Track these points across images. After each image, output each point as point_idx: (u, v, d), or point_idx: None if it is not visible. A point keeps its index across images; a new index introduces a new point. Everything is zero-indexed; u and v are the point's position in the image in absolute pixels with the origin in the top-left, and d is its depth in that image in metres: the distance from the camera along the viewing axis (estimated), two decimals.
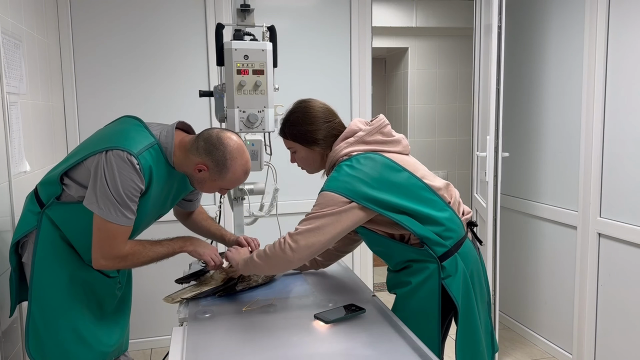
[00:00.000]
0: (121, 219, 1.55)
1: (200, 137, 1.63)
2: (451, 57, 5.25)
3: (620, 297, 2.69)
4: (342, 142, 1.68)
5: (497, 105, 2.89)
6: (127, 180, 1.53)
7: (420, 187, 1.63)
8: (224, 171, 1.61)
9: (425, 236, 1.58)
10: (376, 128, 1.68)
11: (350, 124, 1.72)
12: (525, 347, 3.32)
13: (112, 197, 1.52)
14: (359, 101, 3.40)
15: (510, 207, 3.52)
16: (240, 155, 1.62)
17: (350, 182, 1.56)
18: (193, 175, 1.66)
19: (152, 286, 2.62)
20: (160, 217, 1.84)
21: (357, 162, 1.60)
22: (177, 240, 1.74)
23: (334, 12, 3.34)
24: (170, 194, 1.76)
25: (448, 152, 5.37)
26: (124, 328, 1.93)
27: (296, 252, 1.54)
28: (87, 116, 3.08)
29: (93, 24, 3.04)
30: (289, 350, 1.38)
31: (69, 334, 1.69)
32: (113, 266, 1.63)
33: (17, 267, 1.74)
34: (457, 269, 1.60)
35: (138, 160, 1.54)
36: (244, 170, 1.65)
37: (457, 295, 1.59)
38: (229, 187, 1.69)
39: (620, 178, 2.65)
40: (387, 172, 1.60)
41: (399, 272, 1.70)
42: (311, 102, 1.76)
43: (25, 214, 1.72)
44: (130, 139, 1.59)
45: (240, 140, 1.65)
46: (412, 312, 1.63)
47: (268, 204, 2.33)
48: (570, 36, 2.94)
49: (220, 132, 1.63)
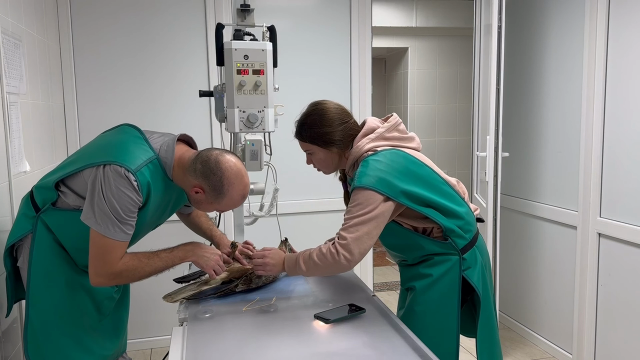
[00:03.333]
0: (119, 235, 1.53)
1: (198, 159, 1.58)
2: (451, 57, 5.25)
3: (620, 297, 2.69)
4: (363, 138, 1.72)
5: (497, 105, 2.89)
6: (124, 196, 1.51)
7: (441, 181, 1.70)
8: (220, 196, 1.58)
9: (451, 228, 1.65)
10: (393, 125, 1.74)
11: (368, 122, 1.77)
12: (525, 347, 3.32)
13: (110, 213, 1.50)
14: (359, 101, 3.40)
15: (510, 207, 3.52)
16: (239, 180, 1.58)
17: (383, 177, 1.59)
18: (190, 194, 1.63)
19: (151, 286, 2.60)
20: (158, 225, 1.83)
21: (384, 157, 1.65)
22: (177, 250, 1.69)
23: (334, 12, 3.34)
24: (168, 206, 1.75)
25: (448, 152, 5.37)
26: (122, 330, 1.93)
27: (352, 261, 1.60)
28: (87, 116, 3.08)
29: (93, 24, 3.04)
30: (289, 350, 1.38)
31: (67, 338, 1.69)
32: (108, 283, 1.59)
33: (12, 270, 1.74)
34: (476, 260, 1.71)
35: (136, 177, 1.52)
36: (241, 195, 1.61)
37: (478, 284, 1.69)
38: (225, 210, 1.66)
39: (620, 178, 2.65)
40: (413, 166, 1.66)
41: (417, 265, 1.74)
42: (326, 103, 1.78)
43: (19, 217, 1.71)
44: (129, 153, 1.56)
45: (240, 164, 1.61)
46: (432, 304, 1.68)
47: (268, 204, 2.33)
48: (570, 36, 2.94)
49: (219, 155, 1.58)
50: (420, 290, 1.70)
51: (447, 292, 1.68)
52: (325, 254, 1.61)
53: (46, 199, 1.64)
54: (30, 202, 1.69)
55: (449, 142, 5.36)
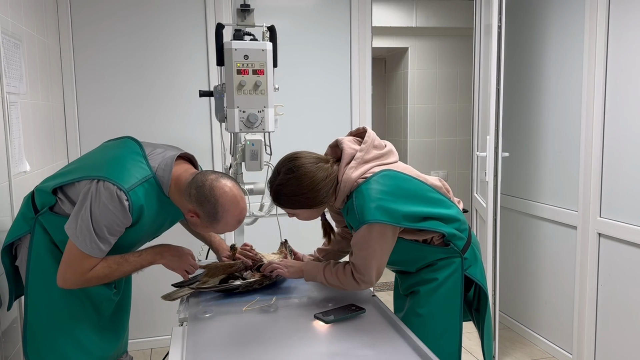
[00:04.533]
0: (94, 251, 1.54)
1: (192, 184, 1.56)
2: (451, 57, 5.25)
3: (620, 297, 2.69)
4: (344, 168, 1.64)
5: (497, 105, 2.89)
6: (111, 215, 1.52)
7: (428, 189, 1.69)
8: (215, 222, 1.57)
9: (451, 233, 1.67)
10: (369, 145, 1.67)
11: (344, 148, 1.67)
12: (525, 347, 3.32)
13: (92, 228, 1.51)
14: (359, 101, 3.40)
15: (510, 207, 3.52)
16: (234, 206, 1.56)
17: (382, 205, 1.55)
18: (186, 217, 1.63)
19: (152, 286, 2.61)
20: (158, 236, 1.83)
21: (376, 183, 1.59)
22: (146, 254, 1.67)
23: (334, 12, 3.34)
24: (166, 220, 1.75)
25: (448, 152, 5.36)
26: (122, 332, 1.93)
27: (368, 283, 1.64)
28: (87, 116, 3.08)
29: (93, 24, 3.04)
30: (289, 350, 1.38)
31: (66, 339, 1.69)
32: (74, 287, 1.60)
33: (10, 268, 1.75)
34: (476, 257, 1.75)
35: (128, 197, 1.52)
36: (237, 220, 1.60)
37: (482, 280, 1.75)
38: (221, 233, 1.67)
39: (620, 178, 2.65)
40: (404, 183, 1.64)
41: (420, 272, 1.75)
42: (301, 166, 1.60)
43: (19, 217, 1.72)
44: (125, 171, 1.56)
45: (235, 189, 1.58)
46: (437, 306, 1.70)
47: (268, 204, 2.33)
48: (570, 36, 2.94)
49: (214, 180, 1.55)
50: (425, 293, 1.71)
51: (451, 293, 1.70)
52: (347, 274, 1.65)
53: (45, 202, 1.66)
54: (30, 203, 1.71)
55: (449, 142, 5.35)
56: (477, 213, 3.39)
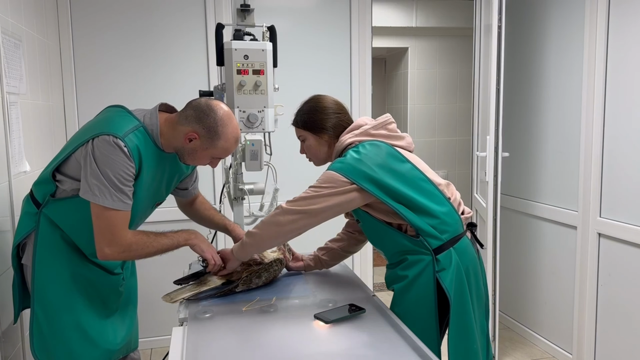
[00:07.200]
0: (118, 204, 1.53)
1: (189, 107, 1.63)
2: (451, 57, 5.25)
3: (620, 297, 2.69)
4: (348, 133, 1.75)
5: (497, 105, 2.89)
6: (117, 163, 1.52)
7: (421, 178, 1.67)
8: (215, 138, 1.61)
9: (420, 227, 1.62)
10: (381, 124, 1.75)
11: (358, 119, 1.80)
12: (525, 347, 3.32)
13: (105, 182, 1.51)
14: (359, 101, 3.40)
15: (510, 207, 3.52)
16: (230, 121, 1.63)
17: (354, 165, 1.61)
18: (184, 147, 1.64)
19: (152, 286, 2.61)
20: (157, 205, 1.83)
21: (363, 147, 1.66)
22: (181, 232, 1.72)
23: (334, 12, 3.34)
24: (163, 179, 1.75)
25: (448, 152, 5.37)
26: (130, 325, 1.93)
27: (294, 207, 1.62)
28: (87, 116, 3.05)
29: (93, 24, 3.04)
30: (289, 350, 1.38)
31: (73, 332, 1.69)
32: (118, 256, 1.59)
33: (18, 270, 1.74)
34: (451, 262, 1.63)
35: (125, 142, 1.53)
36: (235, 137, 1.65)
37: (449, 288, 1.61)
38: (220, 155, 1.67)
39: (620, 178, 2.65)
40: (391, 159, 1.65)
41: (396, 268, 1.72)
42: (325, 95, 1.85)
43: (22, 216, 1.72)
44: (114, 123, 1.58)
45: (228, 108, 1.66)
46: (409, 306, 1.65)
47: (268, 204, 2.33)
48: (570, 36, 2.94)
49: (208, 100, 1.65)
50: (399, 292, 1.69)
51: (423, 293, 1.63)
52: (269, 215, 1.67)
53: (45, 192, 1.65)
54: (30, 200, 1.70)
55: (449, 142, 5.36)
56: (477, 213, 3.39)
